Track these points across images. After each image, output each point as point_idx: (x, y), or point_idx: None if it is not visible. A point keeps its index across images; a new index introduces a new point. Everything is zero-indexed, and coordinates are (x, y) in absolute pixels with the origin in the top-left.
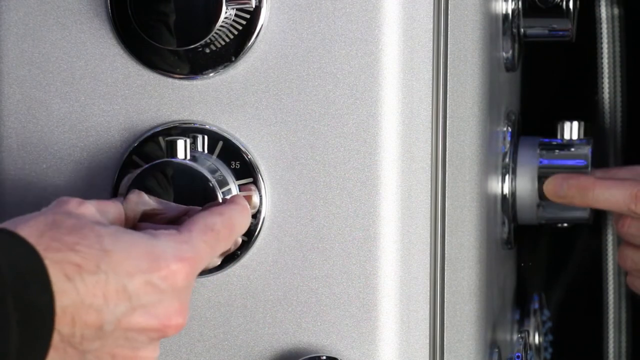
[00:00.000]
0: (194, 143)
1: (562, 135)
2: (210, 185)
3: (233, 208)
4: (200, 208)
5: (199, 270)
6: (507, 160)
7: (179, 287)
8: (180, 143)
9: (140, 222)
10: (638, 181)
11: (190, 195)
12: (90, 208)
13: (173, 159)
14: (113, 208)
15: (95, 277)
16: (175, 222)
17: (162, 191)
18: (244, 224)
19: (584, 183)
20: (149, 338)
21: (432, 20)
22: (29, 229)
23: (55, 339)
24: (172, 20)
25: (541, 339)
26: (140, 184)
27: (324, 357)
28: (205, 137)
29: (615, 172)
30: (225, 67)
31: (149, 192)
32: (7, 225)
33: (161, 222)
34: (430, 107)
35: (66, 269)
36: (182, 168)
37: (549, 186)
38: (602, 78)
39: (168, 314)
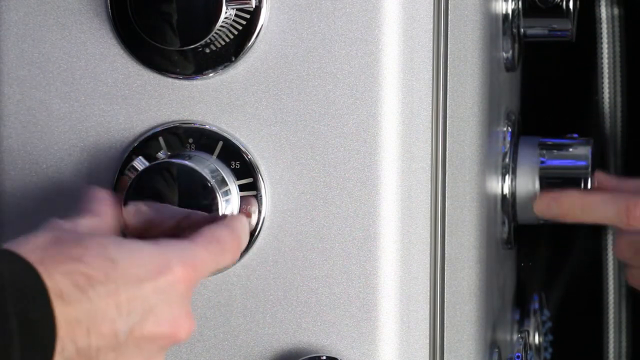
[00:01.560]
0: (194, 143)
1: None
2: (210, 185)
3: (238, 220)
4: (201, 213)
5: (200, 279)
6: (507, 160)
7: (182, 293)
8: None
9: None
10: (630, 194)
11: (190, 195)
12: (84, 223)
13: (173, 159)
14: (103, 223)
15: (106, 287)
16: (174, 228)
17: (162, 191)
18: (246, 238)
19: (573, 201)
20: (159, 346)
21: (432, 20)
22: (31, 246)
23: (72, 353)
24: (172, 20)
25: (541, 339)
26: (140, 184)
27: (324, 357)
28: (205, 137)
29: (620, 184)
30: (225, 67)
31: (149, 191)
32: (10, 245)
33: (161, 233)
34: (430, 107)
35: (77, 279)
36: (182, 168)
37: (540, 206)
38: (602, 78)
39: (178, 319)
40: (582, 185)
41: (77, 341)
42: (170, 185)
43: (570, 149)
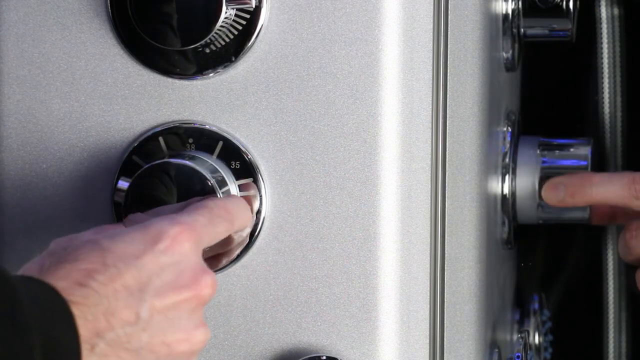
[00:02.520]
0: (194, 143)
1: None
2: (210, 185)
3: (226, 197)
4: (198, 198)
5: (204, 240)
6: (507, 160)
7: (188, 250)
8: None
9: None
10: (634, 173)
11: (190, 196)
12: (85, 235)
13: (173, 159)
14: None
15: (107, 274)
16: None
17: (162, 191)
18: (242, 212)
19: (580, 180)
20: (189, 310)
21: (432, 20)
22: (30, 271)
23: (103, 347)
24: (172, 20)
25: (541, 339)
26: (140, 184)
27: (324, 357)
28: (205, 137)
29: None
30: (225, 67)
31: (149, 192)
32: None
33: None
34: (430, 107)
35: (76, 277)
36: (182, 168)
37: (547, 192)
38: (602, 78)
39: (193, 277)
40: None
41: (103, 335)
42: (170, 186)
43: (570, 149)
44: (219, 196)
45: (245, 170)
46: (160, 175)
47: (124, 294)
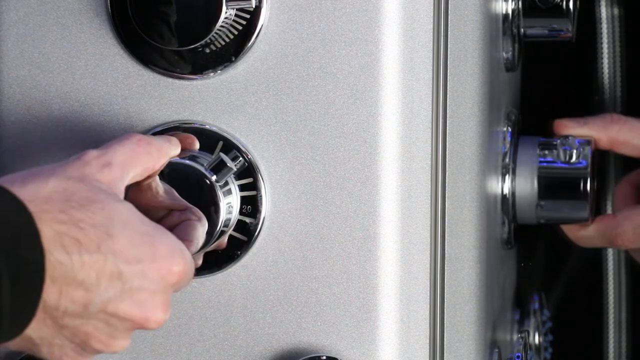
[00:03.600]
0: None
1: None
2: (211, 185)
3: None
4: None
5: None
6: (507, 160)
7: (170, 285)
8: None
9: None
10: (612, 220)
11: (190, 195)
12: (113, 174)
13: (173, 159)
14: (143, 162)
15: (93, 257)
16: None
17: None
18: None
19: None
20: (127, 328)
21: (432, 20)
22: (36, 194)
23: (39, 307)
24: (172, 20)
25: (541, 339)
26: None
27: (324, 357)
28: (205, 137)
29: (615, 136)
30: (225, 67)
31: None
32: (13, 179)
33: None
34: (430, 107)
35: (65, 241)
36: (182, 168)
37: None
38: (602, 78)
39: (154, 308)
40: (582, 185)
41: (47, 298)
42: (171, 186)
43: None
44: (219, 196)
45: (245, 170)
46: (160, 175)
47: (91, 282)
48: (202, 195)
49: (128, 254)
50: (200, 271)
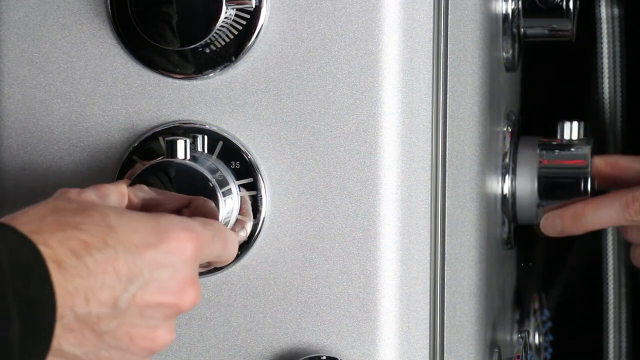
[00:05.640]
0: (194, 143)
1: (562, 135)
2: (211, 185)
3: (228, 228)
4: (204, 198)
5: (204, 254)
6: (507, 160)
7: (189, 258)
8: (180, 143)
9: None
10: (626, 189)
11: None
12: (90, 195)
13: (173, 159)
14: (114, 191)
15: (104, 253)
16: (176, 212)
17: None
18: (234, 244)
19: (574, 212)
20: (165, 315)
21: (432, 20)
22: (29, 217)
23: (71, 320)
24: (172, 20)
25: (541, 339)
26: (141, 184)
27: (324, 357)
28: (205, 137)
29: (616, 160)
30: (225, 67)
31: None
32: (7, 219)
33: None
34: (430, 107)
35: (73, 245)
36: (182, 168)
37: (545, 226)
38: (602, 78)
39: (182, 286)
40: (582, 185)
41: (75, 309)
42: (171, 186)
43: (571, 149)
44: (219, 196)
45: (245, 170)
46: (160, 175)
47: (112, 278)
48: (203, 196)
49: (135, 240)
50: (200, 271)
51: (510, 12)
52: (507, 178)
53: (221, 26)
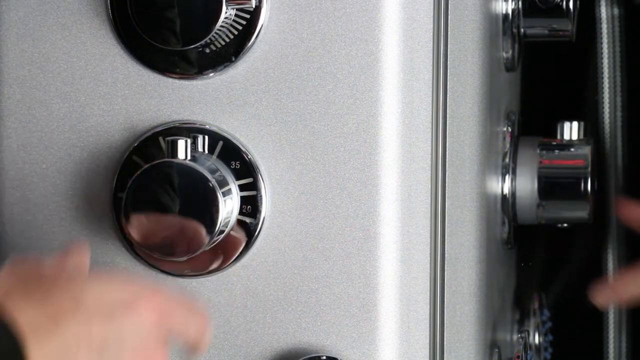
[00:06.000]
0: (194, 143)
1: (562, 135)
2: (210, 185)
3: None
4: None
5: (167, 327)
6: (507, 160)
7: (154, 333)
8: (180, 143)
9: None
10: None
11: (190, 196)
12: (49, 262)
13: (173, 159)
14: (76, 258)
15: (76, 319)
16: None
17: (162, 192)
18: (206, 335)
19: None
20: None
21: (432, 20)
22: None
23: None
24: (172, 20)
25: (541, 339)
26: (141, 185)
27: (324, 357)
28: (205, 137)
29: None
30: (225, 67)
31: (150, 192)
32: None
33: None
34: (430, 107)
35: (48, 312)
36: (183, 168)
37: (599, 299)
38: (602, 78)
39: (149, 353)
40: (582, 185)
41: None
42: (171, 186)
43: (571, 149)
44: (219, 196)
45: (245, 170)
46: (161, 175)
47: (85, 347)
48: (204, 198)
49: (103, 310)
50: (200, 271)
51: (510, 12)
52: (507, 178)
53: (221, 26)
